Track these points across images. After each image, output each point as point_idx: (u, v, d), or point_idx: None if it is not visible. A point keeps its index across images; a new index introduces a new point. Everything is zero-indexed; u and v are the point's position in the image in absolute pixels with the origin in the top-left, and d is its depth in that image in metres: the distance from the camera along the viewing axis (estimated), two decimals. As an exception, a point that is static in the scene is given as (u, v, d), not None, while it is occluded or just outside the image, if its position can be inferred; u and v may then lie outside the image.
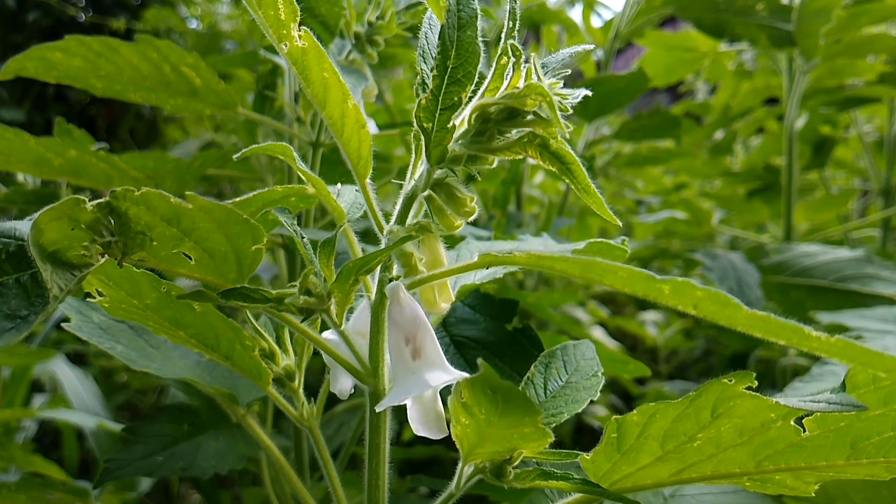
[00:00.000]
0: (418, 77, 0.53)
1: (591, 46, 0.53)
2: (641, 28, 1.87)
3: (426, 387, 0.48)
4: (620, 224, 0.49)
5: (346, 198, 0.63)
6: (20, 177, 1.28)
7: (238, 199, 0.66)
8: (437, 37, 0.56)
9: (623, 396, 2.36)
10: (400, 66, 2.19)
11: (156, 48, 1.03)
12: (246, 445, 0.89)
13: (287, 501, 1.04)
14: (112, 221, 0.45)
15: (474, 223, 1.18)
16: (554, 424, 0.61)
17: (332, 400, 0.71)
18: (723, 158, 2.60)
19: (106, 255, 0.46)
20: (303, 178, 0.60)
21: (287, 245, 1.13)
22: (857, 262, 1.63)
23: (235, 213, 0.47)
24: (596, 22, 2.17)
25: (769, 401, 0.46)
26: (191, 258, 0.49)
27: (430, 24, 0.57)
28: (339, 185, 0.64)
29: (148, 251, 0.47)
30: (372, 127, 1.08)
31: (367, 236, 0.71)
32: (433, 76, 0.47)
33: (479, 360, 0.40)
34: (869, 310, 1.35)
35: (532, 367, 0.66)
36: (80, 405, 1.85)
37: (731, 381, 0.45)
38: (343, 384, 0.61)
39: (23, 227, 0.47)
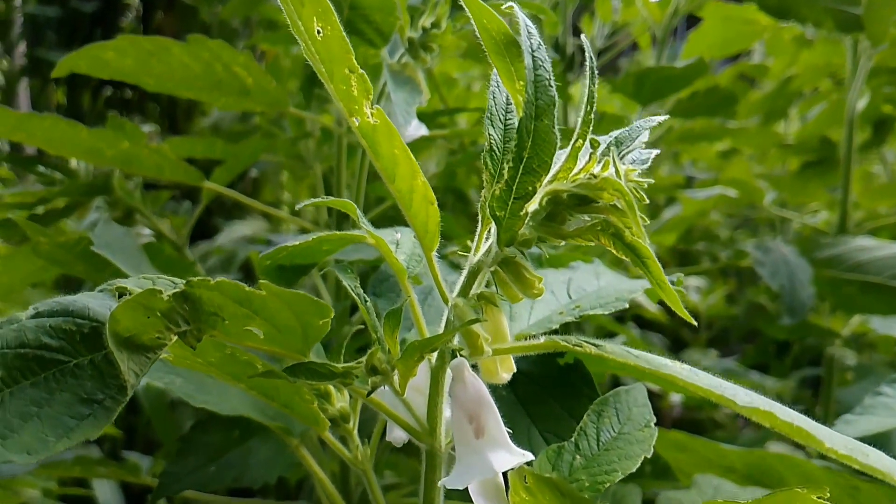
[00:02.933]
0: (486, 143, 0.52)
1: (664, 118, 0.51)
2: (700, 4, 1.80)
3: (490, 472, 0.48)
4: (695, 323, 0.48)
5: (404, 249, 0.62)
6: (73, 162, 1.29)
7: (297, 241, 0.66)
8: (504, 97, 0.54)
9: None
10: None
11: (208, 48, 1.02)
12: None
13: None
14: (186, 308, 0.45)
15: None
16: (608, 484, 0.61)
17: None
18: (776, 126, 2.52)
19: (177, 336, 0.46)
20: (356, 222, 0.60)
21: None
22: (915, 259, 1.58)
23: (305, 296, 0.47)
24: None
25: (838, 509, 0.45)
26: (259, 333, 0.49)
27: (497, 83, 0.55)
28: (398, 234, 0.64)
29: (220, 329, 0.48)
30: (422, 129, 1.06)
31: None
32: (508, 167, 0.45)
33: (550, 474, 0.40)
34: (924, 318, 1.32)
35: (585, 417, 0.66)
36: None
37: (802, 489, 0.45)
38: (399, 433, 0.62)
39: (95, 305, 0.48)
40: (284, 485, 1.60)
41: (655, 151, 0.56)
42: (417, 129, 1.03)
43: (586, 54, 0.47)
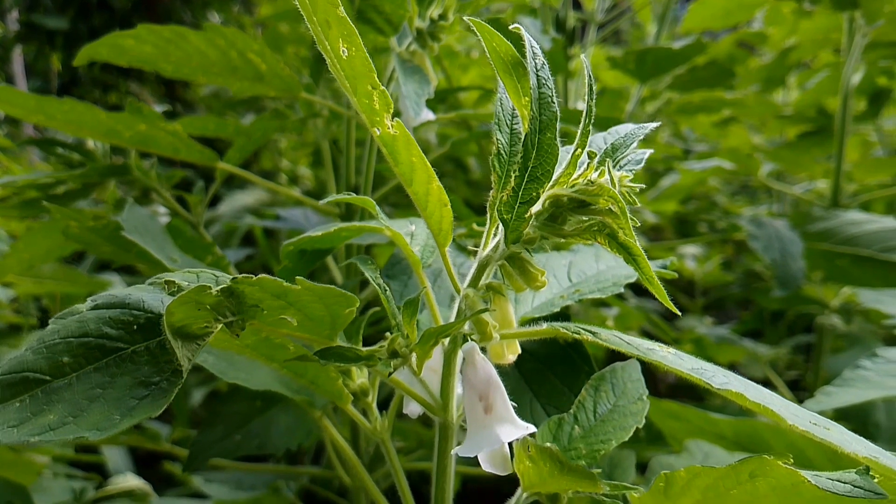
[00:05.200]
0: (493, 147, 0.57)
1: (657, 125, 0.56)
2: (701, -20, 1.82)
3: (497, 442, 0.55)
4: (679, 313, 0.53)
5: (419, 240, 0.68)
6: (90, 142, 1.34)
7: (319, 232, 0.72)
8: (510, 105, 0.60)
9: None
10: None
11: (223, 35, 1.06)
12: (314, 421, 0.98)
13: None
14: (231, 301, 0.51)
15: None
16: (603, 452, 0.68)
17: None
18: (775, 95, 2.55)
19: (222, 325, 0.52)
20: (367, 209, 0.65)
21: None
22: (904, 233, 1.63)
23: (334, 289, 0.53)
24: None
25: (803, 475, 0.51)
26: (293, 321, 0.55)
27: (504, 93, 0.60)
28: (412, 226, 0.69)
29: (259, 319, 0.54)
30: (429, 114, 1.11)
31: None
32: (515, 176, 0.51)
33: (549, 445, 0.46)
34: (910, 291, 1.37)
35: (583, 391, 0.72)
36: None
37: (770, 457, 0.51)
38: (414, 407, 0.69)
39: (148, 298, 0.54)
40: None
41: (650, 151, 0.61)
42: (425, 115, 1.08)
43: (585, 72, 0.52)
